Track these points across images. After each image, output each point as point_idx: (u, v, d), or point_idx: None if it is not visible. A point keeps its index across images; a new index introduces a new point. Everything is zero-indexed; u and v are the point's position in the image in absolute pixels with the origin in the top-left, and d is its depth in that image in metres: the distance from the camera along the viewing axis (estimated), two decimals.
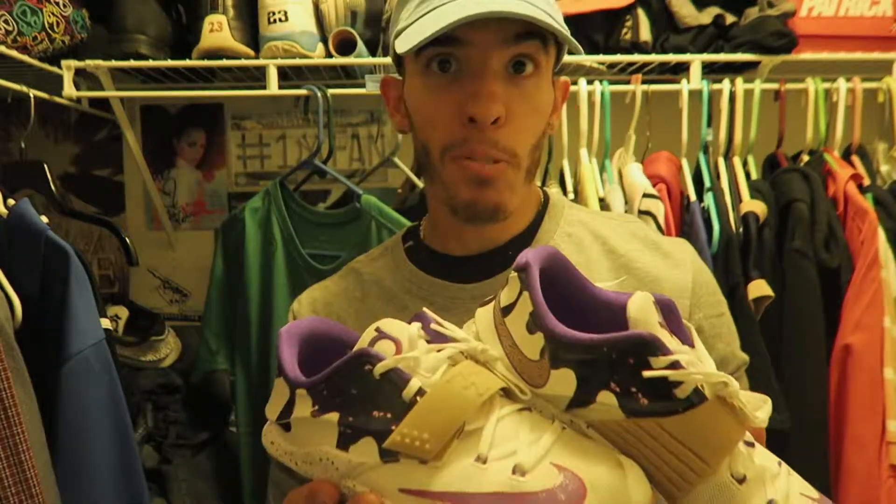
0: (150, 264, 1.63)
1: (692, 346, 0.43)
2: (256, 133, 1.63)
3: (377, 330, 0.44)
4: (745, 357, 0.71)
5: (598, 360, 0.41)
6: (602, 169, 1.29)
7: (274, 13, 1.23)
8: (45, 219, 0.88)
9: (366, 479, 0.42)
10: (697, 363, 0.40)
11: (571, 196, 1.27)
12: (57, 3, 1.21)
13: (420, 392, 0.41)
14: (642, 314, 0.41)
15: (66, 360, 0.83)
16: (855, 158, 1.27)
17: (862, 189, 1.20)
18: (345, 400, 0.43)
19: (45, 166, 1.17)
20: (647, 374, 0.39)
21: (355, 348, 0.44)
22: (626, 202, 1.21)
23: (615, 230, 0.72)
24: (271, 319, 1.25)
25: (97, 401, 0.85)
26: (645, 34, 1.31)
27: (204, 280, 1.36)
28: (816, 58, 1.30)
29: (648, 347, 0.39)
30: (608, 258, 0.69)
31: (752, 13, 1.30)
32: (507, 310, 0.46)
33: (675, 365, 0.39)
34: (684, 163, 1.28)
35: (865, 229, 1.13)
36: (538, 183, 1.36)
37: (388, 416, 0.41)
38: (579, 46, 0.61)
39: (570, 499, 0.37)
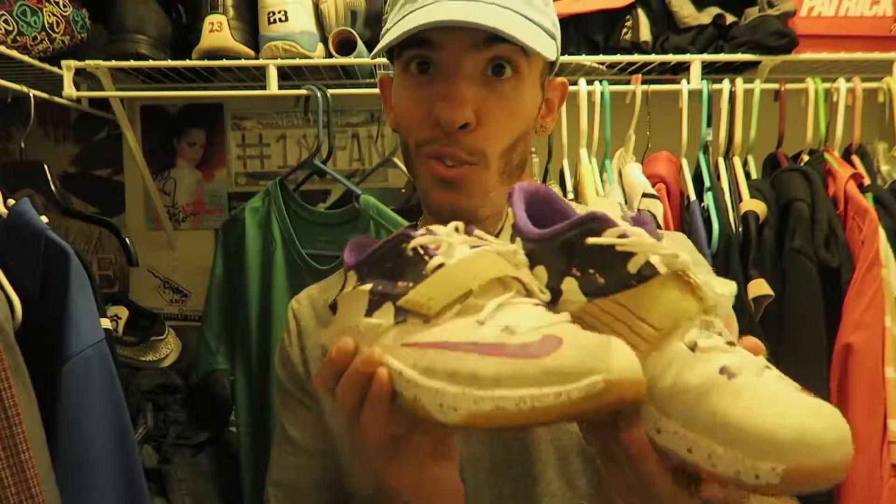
0: (150, 264, 1.63)
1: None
2: (256, 133, 1.63)
3: (427, 229, 0.47)
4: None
5: (561, 247, 0.45)
6: (602, 169, 1.29)
7: (274, 13, 1.23)
8: (45, 219, 0.88)
9: (380, 339, 0.45)
10: (648, 239, 0.42)
11: (571, 196, 1.27)
12: (57, 3, 1.21)
13: (440, 266, 0.44)
14: (604, 210, 0.44)
15: (66, 360, 0.83)
16: (855, 158, 1.27)
17: (862, 188, 1.20)
18: (380, 272, 0.47)
19: (45, 166, 1.17)
20: (590, 240, 0.43)
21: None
22: (626, 202, 1.21)
23: None
24: (271, 319, 1.25)
25: (97, 401, 0.85)
26: (645, 34, 1.31)
27: (204, 280, 1.36)
28: (816, 58, 1.30)
29: (599, 223, 0.43)
30: None
31: (752, 13, 1.30)
32: (497, 234, 0.51)
33: (623, 236, 0.42)
34: (684, 163, 1.28)
35: (866, 228, 1.13)
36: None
37: (410, 284, 0.45)
38: (548, 51, 0.60)
39: (545, 348, 0.38)
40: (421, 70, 0.61)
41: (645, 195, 1.18)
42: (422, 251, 0.45)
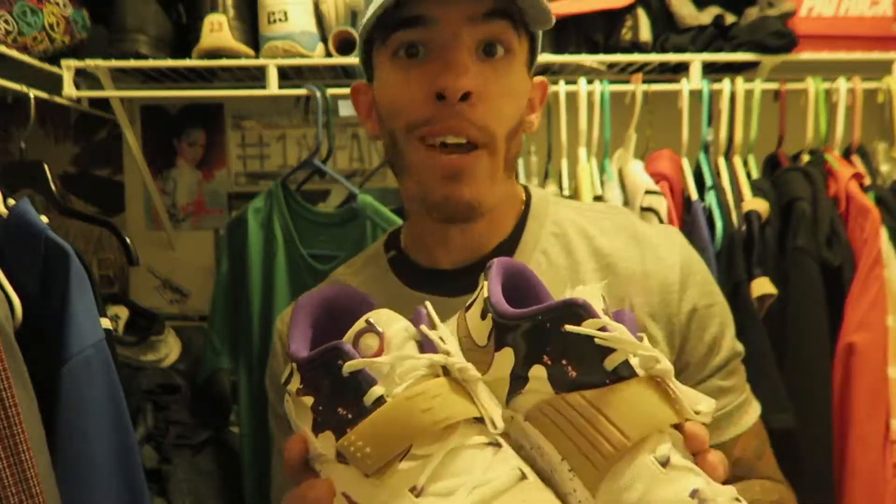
0: (150, 264, 1.63)
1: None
2: (256, 133, 1.63)
3: (367, 322, 0.43)
4: (739, 348, 0.70)
5: (534, 330, 0.42)
6: (602, 169, 1.29)
7: (274, 13, 1.23)
8: (45, 219, 0.87)
9: (326, 471, 0.43)
10: (629, 337, 0.39)
11: (569, 195, 1.27)
12: (57, 3, 1.21)
13: (379, 401, 0.40)
14: (585, 297, 0.41)
15: (66, 360, 0.83)
16: (855, 158, 1.27)
17: (863, 188, 1.20)
18: (319, 388, 0.43)
19: (45, 166, 1.17)
20: (569, 327, 0.39)
21: (345, 338, 0.43)
22: (628, 200, 1.21)
23: (601, 225, 0.70)
24: (273, 320, 1.25)
25: (97, 401, 0.85)
26: (645, 34, 1.31)
27: (204, 280, 1.36)
28: (816, 58, 1.30)
29: (580, 310, 0.40)
30: (594, 258, 0.67)
31: (752, 13, 1.30)
32: (469, 306, 0.48)
33: (604, 329, 0.39)
34: (685, 162, 1.28)
35: (868, 228, 1.13)
36: (535, 183, 1.36)
37: (349, 416, 0.40)
38: (548, 15, 0.58)
39: None
40: (410, 55, 0.59)
41: (648, 192, 1.18)
42: (359, 376, 0.41)
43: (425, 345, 0.43)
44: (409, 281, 0.69)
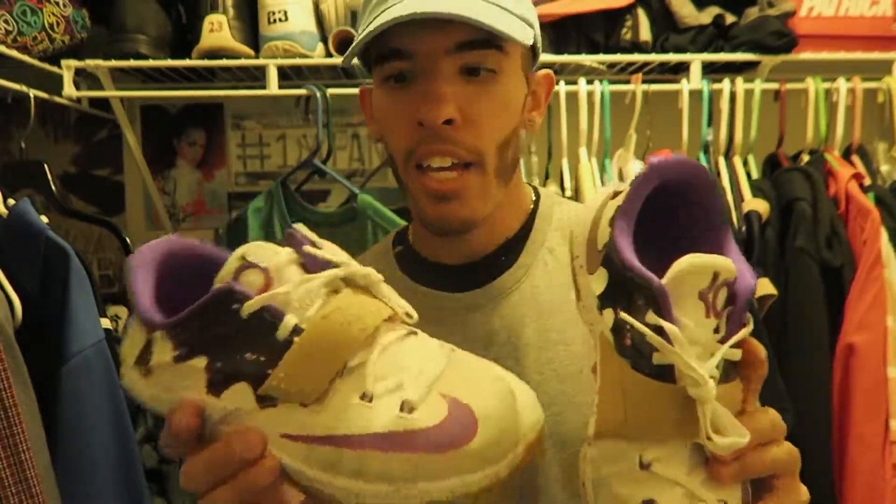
0: None
1: (729, 332, 0.38)
2: (256, 133, 1.62)
3: (242, 258, 0.39)
4: None
5: (626, 289, 0.39)
6: (602, 169, 1.29)
7: (274, 13, 1.23)
8: (45, 219, 0.88)
9: (247, 424, 0.39)
10: (687, 348, 0.37)
11: (570, 195, 1.27)
12: (57, 3, 1.21)
13: (296, 331, 0.37)
14: (685, 276, 0.37)
15: (66, 360, 0.83)
16: (855, 158, 1.27)
17: (863, 188, 1.20)
18: (211, 342, 0.38)
19: (45, 166, 1.17)
20: (623, 316, 0.38)
21: (217, 282, 0.39)
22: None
23: None
24: None
25: (97, 401, 0.85)
26: (645, 34, 1.31)
27: None
28: (816, 58, 1.30)
29: (652, 299, 0.37)
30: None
31: (752, 13, 1.30)
32: (615, 194, 0.44)
33: (659, 330, 0.37)
34: None
35: (868, 228, 1.13)
36: (536, 183, 1.36)
37: (263, 359, 0.37)
38: (521, 35, 0.58)
39: (462, 432, 0.36)
40: (398, 80, 0.60)
41: None
42: (263, 313, 0.38)
43: (311, 265, 0.40)
44: (414, 275, 0.69)
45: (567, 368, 0.62)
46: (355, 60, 0.63)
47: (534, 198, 0.72)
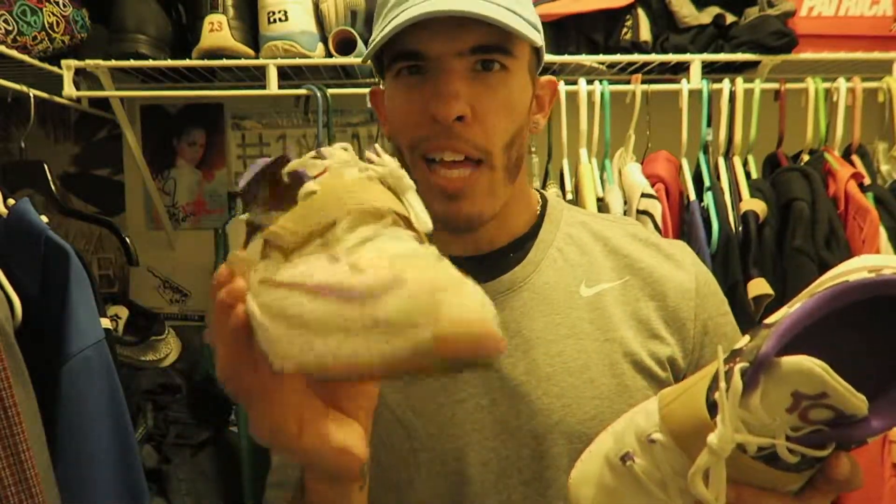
0: (150, 264, 1.63)
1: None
2: (256, 133, 1.63)
3: (316, 151, 0.43)
4: None
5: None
6: (602, 169, 1.29)
7: (274, 13, 1.23)
8: (45, 219, 0.88)
9: (248, 275, 0.40)
10: (737, 407, 0.38)
11: (571, 196, 1.27)
12: (57, 3, 1.21)
13: (311, 194, 0.40)
14: (794, 368, 0.37)
15: (66, 360, 0.83)
16: (855, 158, 1.27)
17: (863, 188, 1.20)
18: (258, 199, 0.43)
19: (45, 166, 1.17)
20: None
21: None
22: (626, 202, 1.21)
23: (615, 231, 0.72)
24: None
25: (97, 401, 0.85)
26: (645, 34, 1.31)
27: (204, 280, 1.36)
28: (816, 57, 1.30)
29: (755, 355, 0.38)
30: (611, 258, 0.69)
31: (752, 13, 1.30)
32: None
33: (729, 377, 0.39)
34: (684, 162, 1.28)
35: (867, 228, 1.13)
36: (537, 184, 1.36)
37: (280, 213, 0.41)
38: (533, 35, 0.60)
39: (381, 291, 0.34)
40: (412, 72, 0.62)
41: (644, 195, 1.18)
42: (295, 175, 0.41)
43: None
44: None
45: (576, 362, 0.63)
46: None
47: (541, 201, 0.74)
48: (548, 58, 1.27)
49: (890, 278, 0.38)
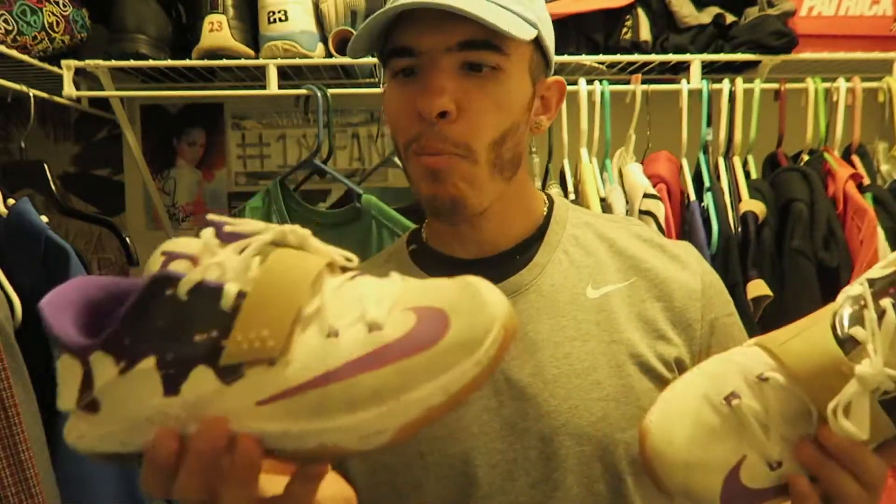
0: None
1: None
2: (256, 133, 1.63)
3: (164, 253, 0.38)
4: None
5: None
6: (602, 168, 1.29)
7: (274, 13, 1.23)
8: (45, 218, 0.88)
9: (212, 412, 0.37)
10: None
11: (572, 196, 1.27)
12: (57, 3, 1.21)
13: (241, 295, 0.36)
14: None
15: None
16: (855, 158, 1.27)
17: (861, 188, 1.20)
18: (154, 337, 0.36)
19: (45, 166, 1.17)
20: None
21: (145, 277, 0.38)
22: (627, 202, 1.21)
23: (620, 232, 0.71)
24: None
25: None
26: (645, 34, 1.31)
27: None
28: (816, 57, 1.30)
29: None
30: (616, 259, 0.69)
31: (752, 13, 1.30)
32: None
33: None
34: (684, 162, 1.28)
35: (865, 228, 1.13)
36: (537, 184, 1.36)
37: (214, 333, 0.36)
38: (521, 32, 0.59)
39: (435, 329, 0.36)
40: (406, 75, 0.63)
41: (646, 195, 1.18)
42: (201, 288, 0.37)
43: (233, 240, 0.39)
44: (430, 270, 0.70)
45: (583, 364, 0.63)
46: (355, 60, 0.64)
47: (547, 203, 0.74)
48: None
49: None
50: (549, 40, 0.66)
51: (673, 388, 0.50)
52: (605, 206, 1.21)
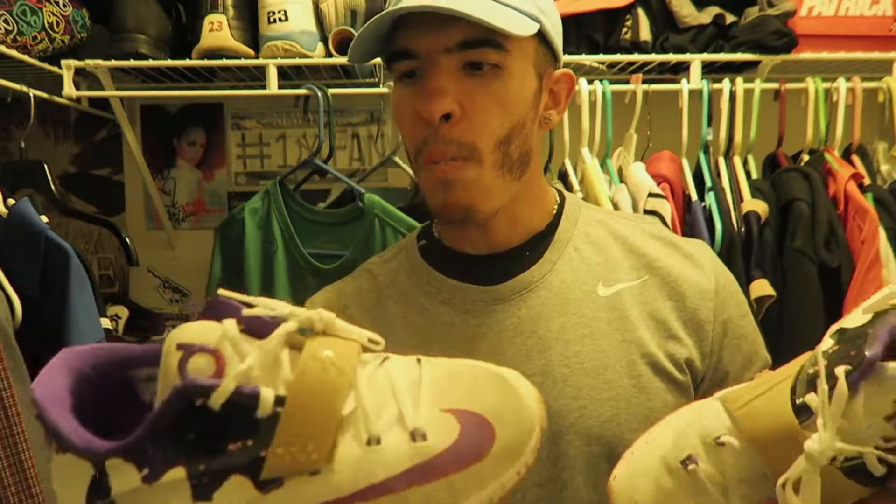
0: (150, 264, 1.63)
1: None
2: (256, 133, 1.63)
3: (179, 347, 0.35)
4: (767, 357, 0.70)
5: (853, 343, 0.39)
6: (603, 168, 1.29)
7: (274, 13, 1.23)
8: (45, 219, 0.88)
9: None
10: (837, 416, 0.37)
11: (580, 195, 1.27)
12: (57, 3, 1.21)
13: (278, 401, 0.34)
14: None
15: None
16: (855, 158, 1.27)
17: (862, 188, 1.20)
18: (184, 447, 0.34)
19: (45, 166, 1.17)
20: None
21: (161, 383, 0.35)
22: (632, 202, 1.21)
23: (633, 230, 0.71)
24: None
25: None
26: (645, 34, 1.31)
27: (204, 280, 1.36)
28: (816, 57, 1.30)
29: (861, 358, 0.37)
30: (629, 258, 0.68)
31: (752, 13, 1.30)
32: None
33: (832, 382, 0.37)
34: (684, 162, 1.28)
35: (866, 229, 1.13)
36: None
37: (251, 443, 0.34)
38: (520, 28, 0.59)
39: (481, 440, 0.36)
40: (409, 77, 0.62)
41: (651, 195, 1.17)
42: (234, 399, 0.34)
43: (256, 327, 0.37)
44: (440, 266, 0.70)
45: (593, 362, 0.63)
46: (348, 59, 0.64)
47: (559, 199, 0.73)
48: None
49: None
50: (556, 32, 0.65)
51: (639, 443, 0.50)
52: (612, 206, 1.21)
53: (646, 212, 1.16)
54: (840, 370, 0.37)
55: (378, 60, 1.25)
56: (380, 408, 0.36)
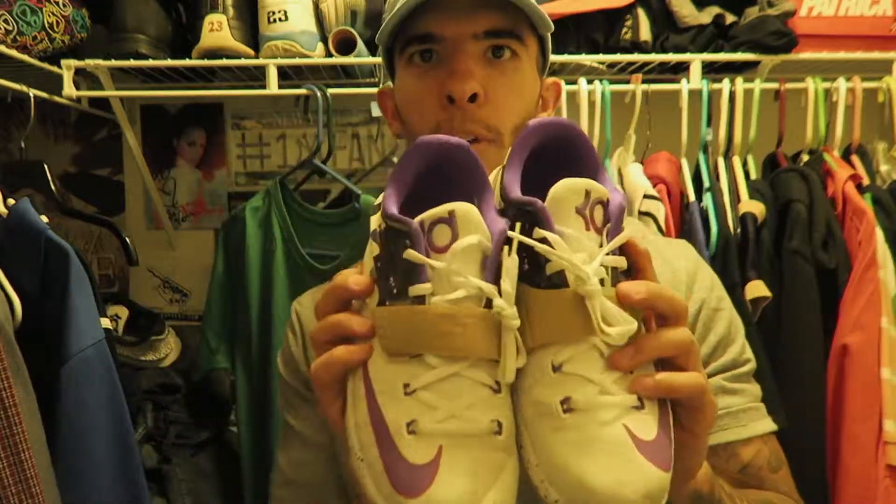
0: (150, 264, 1.63)
1: (603, 240, 0.42)
2: (256, 133, 1.63)
3: (449, 213, 0.41)
4: (751, 359, 0.70)
5: (514, 217, 0.43)
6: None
7: (274, 13, 1.23)
8: (45, 218, 0.88)
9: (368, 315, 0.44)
10: (569, 252, 0.40)
11: None
12: (57, 3, 1.21)
13: (420, 300, 0.41)
14: (561, 194, 0.42)
15: (66, 359, 0.83)
16: (855, 158, 1.27)
17: (861, 189, 1.20)
18: (385, 246, 0.43)
19: (45, 166, 1.17)
20: (511, 234, 0.41)
21: (421, 216, 0.42)
22: (627, 203, 1.21)
23: None
24: (271, 319, 1.25)
25: (97, 401, 0.85)
26: (645, 34, 1.31)
27: (204, 280, 1.36)
28: (816, 57, 1.30)
29: (535, 217, 0.41)
30: None
31: (752, 13, 1.30)
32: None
33: (544, 240, 0.41)
34: (684, 163, 1.28)
35: (863, 229, 1.13)
36: None
37: (395, 290, 0.42)
38: (548, 21, 0.63)
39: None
40: (424, 59, 0.64)
41: (646, 196, 1.18)
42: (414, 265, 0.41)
43: (488, 265, 0.42)
44: None
45: None
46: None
47: None
48: None
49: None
50: (548, 42, 0.69)
51: None
52: None
53: (640, 213, 1.17)
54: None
55: (378, 60, 1.27)
56: (439, 388, 0.41)
